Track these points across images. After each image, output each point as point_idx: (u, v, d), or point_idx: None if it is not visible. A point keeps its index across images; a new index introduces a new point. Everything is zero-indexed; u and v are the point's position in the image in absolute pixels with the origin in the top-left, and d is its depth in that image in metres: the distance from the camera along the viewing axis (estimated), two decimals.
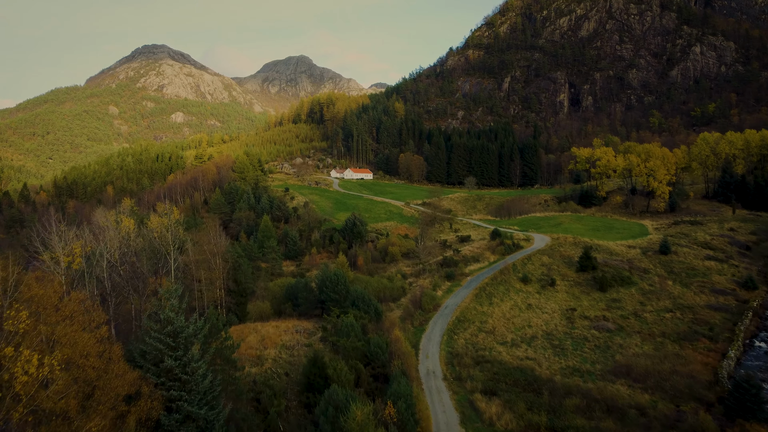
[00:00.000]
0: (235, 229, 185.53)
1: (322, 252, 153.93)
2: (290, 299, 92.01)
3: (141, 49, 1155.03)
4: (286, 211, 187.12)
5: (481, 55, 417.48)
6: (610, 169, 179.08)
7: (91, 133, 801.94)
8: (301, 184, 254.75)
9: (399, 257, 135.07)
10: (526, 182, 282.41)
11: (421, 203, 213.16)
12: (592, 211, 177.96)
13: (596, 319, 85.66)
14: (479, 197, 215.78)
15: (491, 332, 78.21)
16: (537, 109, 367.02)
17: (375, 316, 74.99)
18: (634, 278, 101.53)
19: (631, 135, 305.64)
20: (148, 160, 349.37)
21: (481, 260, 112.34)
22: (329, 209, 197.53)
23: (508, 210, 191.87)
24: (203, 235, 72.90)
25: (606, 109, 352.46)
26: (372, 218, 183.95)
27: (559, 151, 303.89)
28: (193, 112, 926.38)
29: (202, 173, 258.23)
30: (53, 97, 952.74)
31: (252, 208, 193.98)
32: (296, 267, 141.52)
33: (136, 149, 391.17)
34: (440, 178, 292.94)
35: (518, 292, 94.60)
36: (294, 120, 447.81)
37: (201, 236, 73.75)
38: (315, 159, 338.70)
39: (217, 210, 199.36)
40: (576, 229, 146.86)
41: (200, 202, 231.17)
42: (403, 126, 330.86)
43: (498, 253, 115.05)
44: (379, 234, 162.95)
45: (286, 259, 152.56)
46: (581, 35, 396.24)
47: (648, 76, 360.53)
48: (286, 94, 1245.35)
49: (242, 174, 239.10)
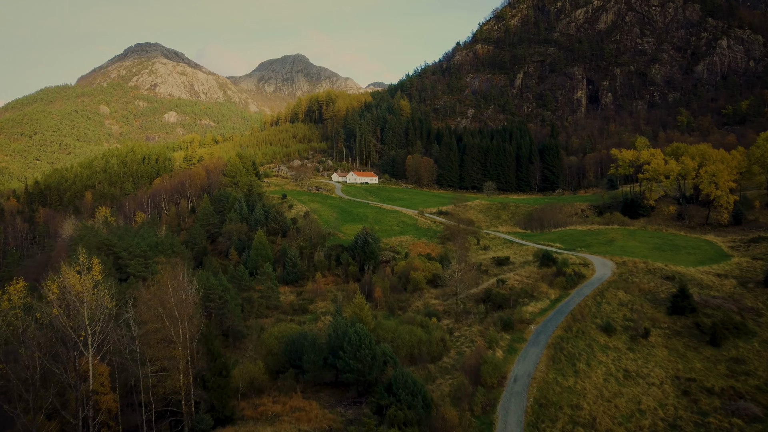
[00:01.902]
0: (224, 244, 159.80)
1: (328, 275, 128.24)
2: (292, 362, 66.43)
3: (134, 47, 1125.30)
4: (284, 224, 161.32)
5: (491, 49, 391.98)
6: (661, 174, 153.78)
7: (80, 134, 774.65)
8: (300, 189, 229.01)
9: (423, 285, 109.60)
10: (546, 187, 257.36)
11: (437, 212, 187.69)
12: (642, 223, 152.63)
13: (727, 396, 60.33)
14: (503, 205, 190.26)
15: (591, 426, 52.70)
16: (553, 107, 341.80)
17: (423, 408, 49.40)
18: (749, 325, 76.15)
19: (658, 135, 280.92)
20: (133, 162, 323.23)
21: (537, 296, 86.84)
22: (333, 220, 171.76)
23: (540, 221, 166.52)
24: (160, 289, 47.12)
25: (628, 107, 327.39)
26: (383, 231, 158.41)
27: (581, 153, 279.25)
28: (187, 111, 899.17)
29: (190, 177, 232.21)
30: (43, 97, 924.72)
31: (244, 218, 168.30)
32: (297, 296, 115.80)
33: (122, 150, 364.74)
34: (452, 183, 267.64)
35: (604, 350, 69.13)
36: (291, 119, 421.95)
37: (156, 291, 47.93)
38: (314, 161, 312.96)
39: (204, 221, 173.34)
40: (634, 248, 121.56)
41: (187, 211, 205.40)
42: (409, 125, 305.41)
43: (558, 285, 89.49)
44: (395, 253, 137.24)
45: (284, 283, 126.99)
46: (599, 28, 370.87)
47: (672, 72, 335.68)
48: (282, 93, 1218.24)
49: (234, 178, 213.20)
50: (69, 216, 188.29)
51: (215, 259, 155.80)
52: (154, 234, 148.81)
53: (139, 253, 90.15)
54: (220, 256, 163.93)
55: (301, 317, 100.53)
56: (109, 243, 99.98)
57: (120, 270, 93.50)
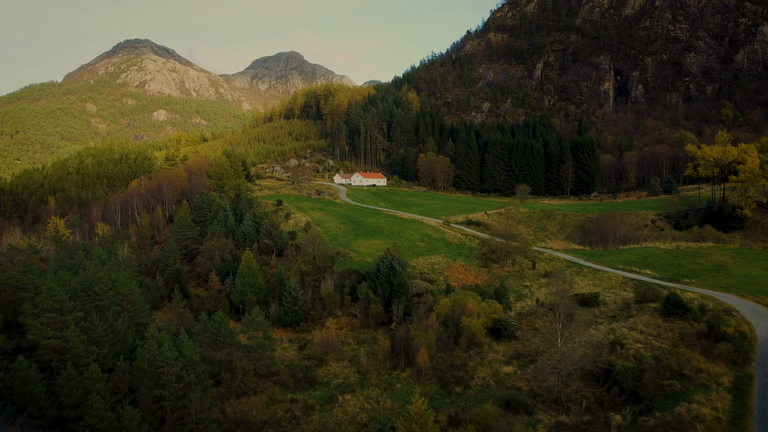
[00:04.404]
0: (204, 266, 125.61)
1: (340, 314, 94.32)
2: None
3: (123, 43, 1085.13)
4: (280, 239, 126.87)
5: (506, 38, 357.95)
6: (761, 177, 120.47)
7: (65, 132, 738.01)
8: (298, 194, 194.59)
9: (483, 338, 75.87)
10: (580, 190, 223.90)
11: (465, 221, 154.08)
12: (739, 238, 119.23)
13: None
14: (547, 214, 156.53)
15: None
16: (577, 100, 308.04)
17: None
18: None
19: (703, 131, 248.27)
20: (109, 162, 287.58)
21: (694, 378, 53.19)
22: (341, 234, 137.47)
23: (601, 235, 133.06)
24: None
25: (661, 100, 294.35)
26: (406, 249, 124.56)
27: (617, 151, 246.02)
28: (177, 109, 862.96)
29: (169, 179, 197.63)
30: (27, 94, 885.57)
31: (230, 232, 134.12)
32: (299, 350, 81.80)
33: (99, 149, 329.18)
34: (471, 185, 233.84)
35: None
36: (286, 115, 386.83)
37: None
38: (313, 160, 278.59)
39: (179, 234, 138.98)
40: (759, 277, 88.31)
41: (163, 220, 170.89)
42: (419, 120, 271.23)
43: (723, 358, 55.44)
44: (428, 281, 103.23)
45: (281, 325, 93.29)
46: (626, 13, 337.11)
47: (709, 61, 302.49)
48: (276, 91, 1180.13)
49: (220, 181, 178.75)
50: (13, 228, 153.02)
51: (192, 288, 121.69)
52: (107, 257, 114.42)
53: (50, 306, 56.44)
54: (198, 281, 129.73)
55: (306, 394, 66.71)
56: (18, 283, 65.84)
57: (22, 332, 59.70)
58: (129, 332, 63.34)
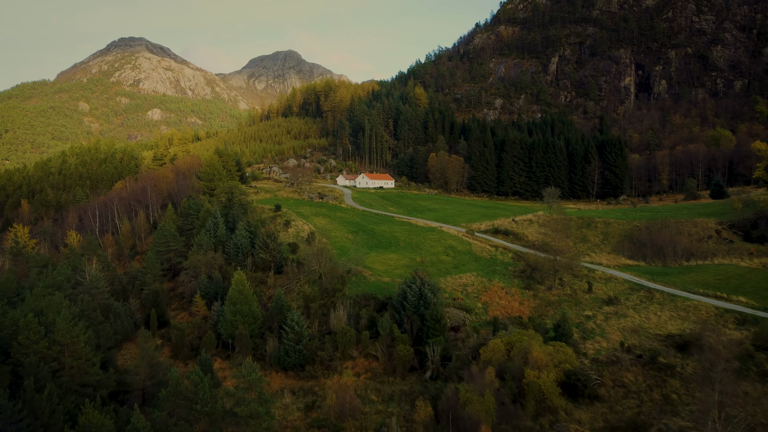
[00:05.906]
0: (187, 285, 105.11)
1: (357, 356, 74.00)
2: None
3: (117, 41, 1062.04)
4: (279, 253, 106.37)
5: (517, 31, 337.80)
6: None
7: (56, 132, 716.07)
8: (298, 197, 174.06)
9: (556, 398, 55.68)
10: (607, 192, 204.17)
11: (491, 230, 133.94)
12: None
13: None
14: (586, 222, 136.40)
15: None
16: (596, 96, 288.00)
17: None
18: None
19: (736, 128, 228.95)
20: (94, 162, 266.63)
21: None
22: (351, 246, 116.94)
23: (656, 247, 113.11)
24: None
25: (687, 96, 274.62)
26: (430, 265, 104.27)
27: (645, 150, 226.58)
28: (172, 108, 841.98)
29: (154, 181, 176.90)
30: (18, 93, 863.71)
31: (220, 243, 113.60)
32: (305, 411, 61.47)
33: (84, 148, 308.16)
34: (488, 187, 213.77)
35: None
36: (284, 113, 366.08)
37: None
38: (313, 160, 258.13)
39: (161, 246, 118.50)
40: None
41: (146, 227, 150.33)
42: (428, 117, 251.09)
43: None
44: (465, 310, 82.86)
45: (281, 367, 73.10)
46: (646, 5, 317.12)
47: (737, 55, 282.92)
48: (273, 90, 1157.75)
49: (211, 183, 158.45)
50: None
51: (174, 312, 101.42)
52: (69, 276, 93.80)
53: None
54: (181, 302, 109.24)
55: None
56: None
57: None
58: (59, 410, 42.97)
